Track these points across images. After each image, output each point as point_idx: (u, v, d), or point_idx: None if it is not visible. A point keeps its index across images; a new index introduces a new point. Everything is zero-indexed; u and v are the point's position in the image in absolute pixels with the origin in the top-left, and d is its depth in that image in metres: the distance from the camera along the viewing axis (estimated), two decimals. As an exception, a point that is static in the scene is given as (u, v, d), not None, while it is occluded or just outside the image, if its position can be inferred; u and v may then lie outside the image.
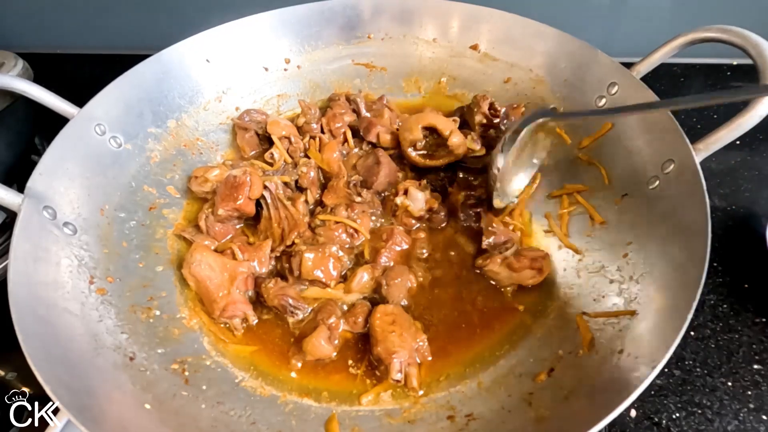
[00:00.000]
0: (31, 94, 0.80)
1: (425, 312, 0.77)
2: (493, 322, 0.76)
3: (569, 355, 0.68)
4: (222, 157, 1.01)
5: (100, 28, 1.44)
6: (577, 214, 0.86)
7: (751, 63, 0.66)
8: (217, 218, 0.84)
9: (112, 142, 0.86)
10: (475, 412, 0.65)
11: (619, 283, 0.72)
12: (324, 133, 0.99)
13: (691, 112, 1.16)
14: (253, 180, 0.84)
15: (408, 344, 0.69)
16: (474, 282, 0.81)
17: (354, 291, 0.78)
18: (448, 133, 0.88)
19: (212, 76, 1.01)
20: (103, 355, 0.66)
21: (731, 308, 0.82)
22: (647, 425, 0.71)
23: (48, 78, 0.95)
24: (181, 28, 0.97)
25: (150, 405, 0.63)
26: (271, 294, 0.75)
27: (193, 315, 0.78)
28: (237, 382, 0.71)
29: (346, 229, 0.83)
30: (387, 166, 0.90)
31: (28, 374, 0.55)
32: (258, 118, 0.99)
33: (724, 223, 0.94)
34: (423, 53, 1.10)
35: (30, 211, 0.70)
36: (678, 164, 0.71)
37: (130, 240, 0.83)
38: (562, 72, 0.96)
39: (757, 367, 0.75)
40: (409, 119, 0.93)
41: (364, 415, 0.67)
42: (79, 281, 0.72)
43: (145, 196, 0.89)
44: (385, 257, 0.81)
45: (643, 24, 1.25)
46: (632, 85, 0.82)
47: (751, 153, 1.06)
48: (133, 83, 0.90)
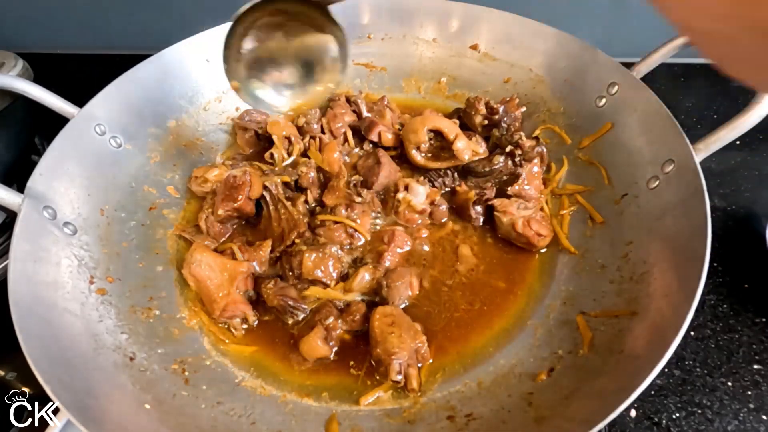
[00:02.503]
0: (31, 94, 0.80)
1: (425, 312, 0.77)
2: (493, 322, 0.76)
3: (569, 355, 0.68)
4: (222, 157, 1.01)
5: (100, 28, 1.44)
6: (577, 214, 0.86)
7: (751, 63, 0.66)
8: (217, 218, 0.84)
9: (112, 142, 0.86)
10: (475, 412, 0.65)
11: (619, 283, 0.72)
12: (324, 133, 0.99)
13: (691, 112, 1.16)
14: (252, 180, 0.84)
15: (407, 345, 0.69)
16: (474, 281, 0.80)
17: (354, 291, 0.78)
18: (452, 138, 0.88)
19: (212, 76, 1.01)
20: (103, 355, 0.66)
21: (731, 308, 0.82)
22: (647, 425, 0.70)
23: (48, 78, 0.95)
24: (181, 28, 0.97)
25: (150, 405, 0.63)
26: (270, 294, 0.75)
27: (193, 315, 0.78)
28: (237, 382, 0.71)
29: (346, 230, 0.83)
30: (387, 166, 0.90)
31: (28, 374, 0.55)
32: (258, 118, 0.99)
33: (724, 223, 0.94)
34: (423, 53, 1.10)
35: (30, 211, 0.70)
36: (678, 164, 0.71)
37: (130, 240, 0.83)
38: (562, 72, 0.96)
39: (757, 367, 0.75)
40: (414, 121, 0.93)
41: (364, 415, 0.67)
42: (79, 281, 0.72)
43: (145, 196, 0.89)
44: (388, 260, 0.81)
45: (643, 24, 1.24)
46: (632, 85, 0.82)
47: (751, 153, 1.06)
48: (133, 83, 0.90)
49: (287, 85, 0.72)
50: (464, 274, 0.81)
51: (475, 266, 0.82)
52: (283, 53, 0.70)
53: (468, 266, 0.82)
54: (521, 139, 0.88)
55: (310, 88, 0.72)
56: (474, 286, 0.80)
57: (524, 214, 0.80)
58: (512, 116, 0.95)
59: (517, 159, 0.87)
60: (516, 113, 0.95)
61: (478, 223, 0.87)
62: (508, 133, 0.91)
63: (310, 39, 0.69)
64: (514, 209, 0.82)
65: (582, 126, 0.91)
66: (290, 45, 0.69)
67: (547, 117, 0.98)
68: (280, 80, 0.72)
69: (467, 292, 0.79)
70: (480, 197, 0.86)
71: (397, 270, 0.78)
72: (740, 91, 1.22)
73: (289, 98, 0.73)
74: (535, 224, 0.80)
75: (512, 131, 0.91)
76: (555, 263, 0.81)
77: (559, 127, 0.95)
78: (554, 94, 0.97)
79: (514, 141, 0.88)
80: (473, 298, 0.79)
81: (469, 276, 0.81)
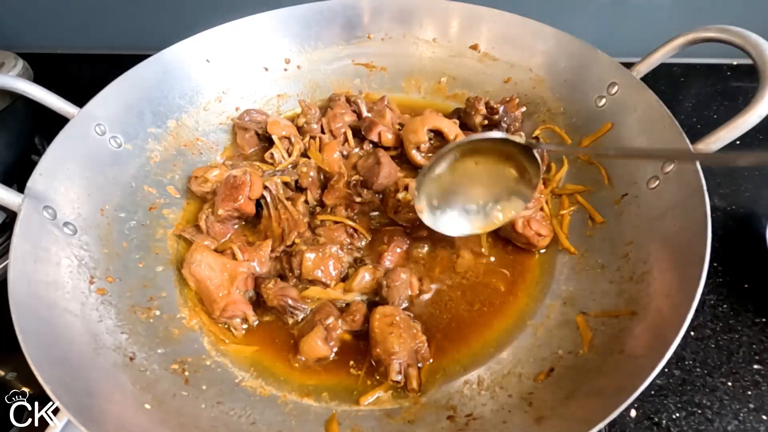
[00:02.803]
0: (31, 94, 0.80)
1: (425, 312, 0.77)
2: (493, 322, 0.76)
3: (569, 355, 0.68)
4: (222, 157, 1.01)
5: (100, 28, 1.44)
6: (577, 214, 0.86)
7: (751, 63, 0.66)
8: (217, 218, 0.84)
9: (112, 142, 0.86)
10: (475, 412, 0.65)
11: (619, 283, 0.72)
12: (324, 133, 0.99)
13: (691, 112, 1.16)
14: (253, 180, 0.84)
15: (407, 345, 0.69)
16: (474, 282, 0.81)
17: (354, 291, 0.78)
18: (452, 137, 0.88)
19: (212, 76, 1.01)
20: (103, 355, 0.66)
21: (731, 308, 0.82)
22: (647, 425, 0.70)
23: (48, 78, 0.95)
24: (181, 28, 0.97)
25: (150, 405, 0.63)
26: (270, 294, 0.75)
27: (193, 315, 0.78)
28: (237, 382, 0.71)
29: (346, 230, 0.83)
30: (387, 167, 0.90)
31: (28, 374, 0.55)
32: (258, 118, 0.99)
33: (724, 223, 0.94)
34: (423, 53, 1.10)
35: (30, 211, 0.70)
36: (678, 164, 0.71)
37: (130, 240, 0.83)
38: (562, 72, 0.96)
39: (757, 367, 0.75)
40: (414, 121, 0.93)
41: (364, 415, 0.67)
42: (79, 281, 0.72)
43: (145, 196, 0.89)
44: (388, 260, 0.81)
45: (643, 24, 1.24)
46: (632, 85, 0.82)
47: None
48: (133, 83, 0.90)
49: (469, 210, 0.76)
50: (464, 275, 0.81)
51: (474, 266, 0.82)
52: (471, 178, 0.74)
53: (468, 266, 0.82)
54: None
55: (492, 214, 0.76)
56: (474, 286, 0.80)
57: (524, 214, 0.80)
58: (512, 116, 0.95)
59: None
60: (516, 113, 0.95)
61: None
62: (508, 133, 0.90)
63: (500, 167, 0.73)
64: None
65: (582, 126, 0.91)
66: (479, 169, 0.73)
67: (547, 117, 0.98)
68: (465, 202, 0.76)
69: (467, 292, 0.79)
70: None
71: (396, 270, 0.78)
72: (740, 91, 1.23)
73: (470, 222, 0.77)
74: (535, 224, 0.80)
75: (512, 131, 0.91)
76: (555, 263, 0.81)
77: (559, 127, 0.95)
78: (554, 94, 0.97)
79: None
80: (473, 298, 0.79)
81: (469, 276, 0.81)
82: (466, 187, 0.75)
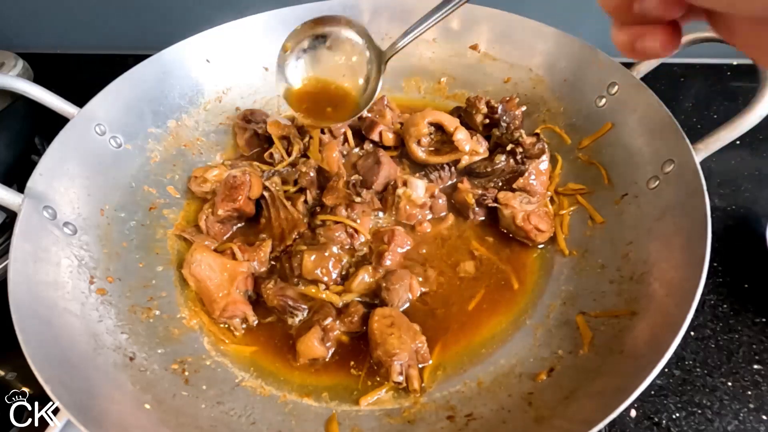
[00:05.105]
0: (31, 94, 0.80)
1: (425, 313, 0.77)
2: (493, 322, 0.76)
3: (569, 355, 0.68)
4: (222, 157, 1.01)
5: (100, 28, 1.44)
6: (577, 214, 0.86)
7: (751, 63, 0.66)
8: (217, 218, 0.84)
9: (112, 142, 0.86)
10: (475, 412, 0.65)
11: (619, 283, 0.72)
12: (324, 133, 0.99)
13: (691, 112, 1.16)
14: (252, 180, 0.84)
15: (407, 346, 0.69)
16: (474, 281, 0.81)
17: (354, 291, 0.78)
18: (453, 129, 0.88)
19: (212, 76, 1.01)
20: (103, 355, 0.66)
21: (731, 308, 0.82)
22: (647, 425, 0.70)
23: (48, 78, 0.95)
24: (181, 28, 0.97)
25: (150, 405, 0.63)
26: (270, 294, 0.75)
27: (193, 315, 0.78)
28: (237, 382, 0.71)
29: (346, 229, 0.83)
30: (387, 166, 0.90)
31: (28, 374, 0.55)
32: (258, 118, 0.99)
33: (724, 223, 0.93)
34: (423, 53, 1.10)
35: (30, 211, 0.70)
36: (678, 164, 0.71)
37: (130, 240, 0.83)
38: (562, 72, 0.96)
39: (757, 367, 0.75)
40: (415, 116, 0.93)
41: (364, 415, 0.67)
42: (79, 281, 0.72)
43: (145, 196, 0.89)
44: (388, 260, 0.80)
45: (643, 24, 1.24)
46: (632, 85, 0.82)
47: (751, 153, 1.06)
48: (133, 83, 0.90)
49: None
50: (464, 275, 0.81)
51: (474, 267, 0.82)
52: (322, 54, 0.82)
53: (468, 267, 0.82)
54: (521, 137, 0.88)
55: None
56: (473, 286, 0.80)
57: (526, 209, 0.80)
58: (512, 115, 0.95)
59: (519, 157, 0.87)
60: (516, 113, 0.95)
61: (480, 217, 0.87)
62: (509, 132, 0.91)
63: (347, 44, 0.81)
64: (516, 203, 0.82)
65: (582, 126, 0.91)
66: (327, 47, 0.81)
67: (547, 117, 0.98)
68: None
69: (467, 292, 0.79)
70: (481, 199, 0.86)
71: (396, 272, 0.78)
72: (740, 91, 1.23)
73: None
74: (535, 218, 0.80)
75: (512, 129, 0.91)
76: (554, 263, 0.81)
77: (559, 127, 0.95)
78: (554, 94, 0.97)
79: (514, 139, 0.88)
80: (473, 298, 0.79)
81: (469, 276, 0.81)
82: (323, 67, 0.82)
